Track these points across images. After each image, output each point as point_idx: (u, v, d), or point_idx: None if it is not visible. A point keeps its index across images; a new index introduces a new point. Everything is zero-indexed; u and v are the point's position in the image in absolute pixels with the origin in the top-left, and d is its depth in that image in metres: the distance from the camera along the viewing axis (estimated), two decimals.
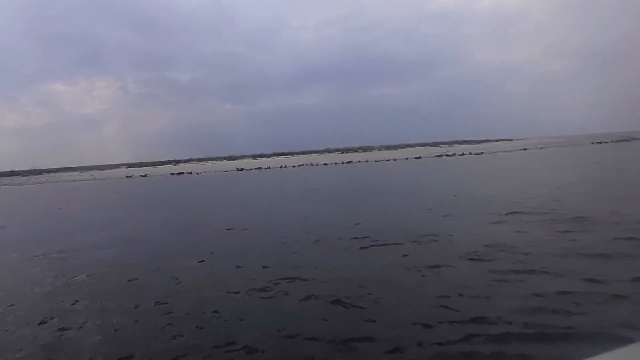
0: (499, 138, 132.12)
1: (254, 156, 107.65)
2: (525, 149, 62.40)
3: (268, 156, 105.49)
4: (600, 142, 65.74)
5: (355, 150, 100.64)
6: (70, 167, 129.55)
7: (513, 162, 36.30)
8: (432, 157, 59.41)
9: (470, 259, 6.63)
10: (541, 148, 63.32)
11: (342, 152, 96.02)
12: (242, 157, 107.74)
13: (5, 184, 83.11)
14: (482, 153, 59.31)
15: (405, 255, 7.20)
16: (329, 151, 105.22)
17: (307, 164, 64.28)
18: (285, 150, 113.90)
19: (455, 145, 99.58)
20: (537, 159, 37.68)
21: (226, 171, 64.02)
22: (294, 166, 61.87)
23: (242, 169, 65.38)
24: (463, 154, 59.59)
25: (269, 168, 62.53)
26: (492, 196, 13.81)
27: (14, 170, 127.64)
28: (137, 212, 18.08)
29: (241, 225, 11.51)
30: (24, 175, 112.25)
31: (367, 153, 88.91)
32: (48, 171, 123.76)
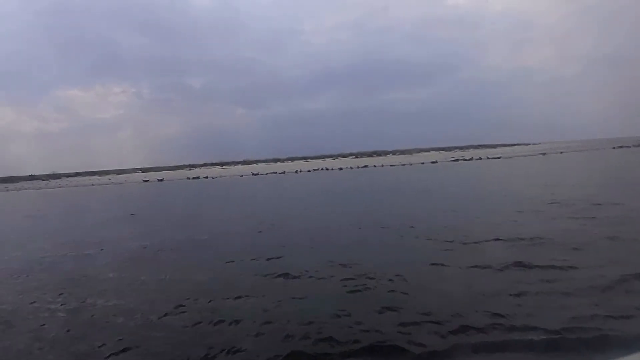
0: (515, 142, 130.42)
1: (268, 161, 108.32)
2: (544, 154, 61.40)
3: (282, 161, 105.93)
4: (621, 147, 64.24)
5: (369, 154, 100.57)
6: (88, 172, 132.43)
7: (534, 166, 35.63)
8: (448, 161, 58.92)
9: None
10: (561, 152, 62.25)
11: (356, 157, 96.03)
12: (256, 161, 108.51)
13: (26, 188, 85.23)
14: (499, 157, 58.54)
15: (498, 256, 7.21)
16: (343, 156, 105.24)
17: (322, 169, 64.36)
18: (299, 155, 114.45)
19: (470, 149, 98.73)
20: (559, 163, 37.03)
21: (242, 176, 64.57)
22: (309, 171, 61.98)
23: (257, 174, 65.74)
24: (480, 159, 58.91)
25: (284, 173, 62.72)
26: (528, 198, 13.61)
27: (34, 175, 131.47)
28: (186, 214, 18.33)
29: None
30: (43, 180, 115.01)
31: (381, 157, 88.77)
32: (67, 175, 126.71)
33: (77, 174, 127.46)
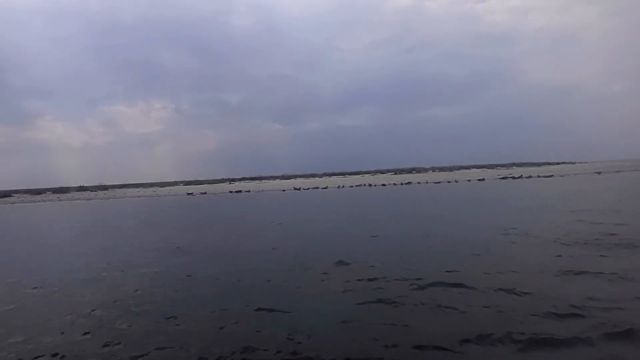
0: (559, 161, 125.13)
1: (305, 176, 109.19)
2: (599, 172, 58.54)
3: (320, 176, 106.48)
4: None
5: (409, 171, 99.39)
6: (133, 184, 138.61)
7: (604, 186, 33.53)
8: (496, 179, 57.30)
9: None
10: (617, 172, 59.12)
11: (395, 173, 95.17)
12: (294, 176, 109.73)
13: (77, 199, 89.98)
14: (551, 176, 56.36)
15: None
16: (381, 172, 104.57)
17: (365, 185, 64.18)
18: (336, 171, 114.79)
19: (513, 167, 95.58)
20: (625, 183, 35.00)
21: (284, 190, 65.24)
22: (351, 186, 61.96)
23: (299, 189, 66.31)
24: (530, 177, 56.98)
25: (326, 188, 62.99)
26: None
27: (83, 186, 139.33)
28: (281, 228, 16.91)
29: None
30: (92, 191, 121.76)
31: (421, 174, 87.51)
32: (113, 187, 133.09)
33: (122, 186, 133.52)
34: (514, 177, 58.19)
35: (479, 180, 57.55)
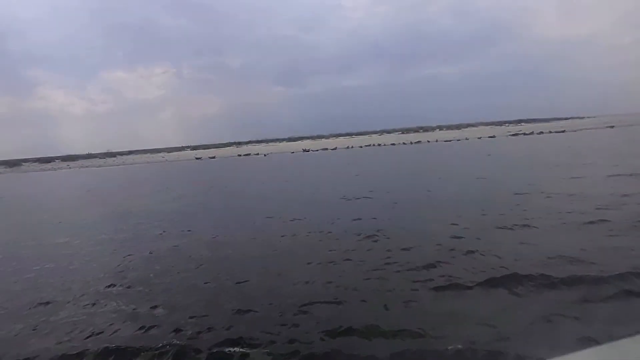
0: (567, 116, 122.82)
1: (312, 137, 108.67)
2: (612, 127, 57.88)
3: (327, 137, 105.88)
4: None
5: (415, 130, 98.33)
6: (140, 150, 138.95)
7: (625, 139, 31.90)
8: (507, 136, 56.90)
9: None
10: (630, 125, 58.34)
11: (402, 133, 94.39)
12: (301, 138, 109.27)
13: (86, 166, 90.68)
14: (564, 131, 55.86)
15: None
16: (387, 132, 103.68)
17: (374, 145, 64.13)
18: (342, 132, 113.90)
19: (522, 123, 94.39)
20: None
21: (293, 152, 65.43)
22: (360, 147, 61.94)
23: (308, 150, 66.50)
24: (542, 133, 56.53)
25: (335, 149, 63.08)
26: None
27: (91, 153, 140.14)
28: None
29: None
30: (100, 158, 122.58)
31: (428, 133, 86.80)
32: (120, 154, 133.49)
33: (130, 152, 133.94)
34: (525, 134, 57.75)
35: (489, 137, 57.25)
